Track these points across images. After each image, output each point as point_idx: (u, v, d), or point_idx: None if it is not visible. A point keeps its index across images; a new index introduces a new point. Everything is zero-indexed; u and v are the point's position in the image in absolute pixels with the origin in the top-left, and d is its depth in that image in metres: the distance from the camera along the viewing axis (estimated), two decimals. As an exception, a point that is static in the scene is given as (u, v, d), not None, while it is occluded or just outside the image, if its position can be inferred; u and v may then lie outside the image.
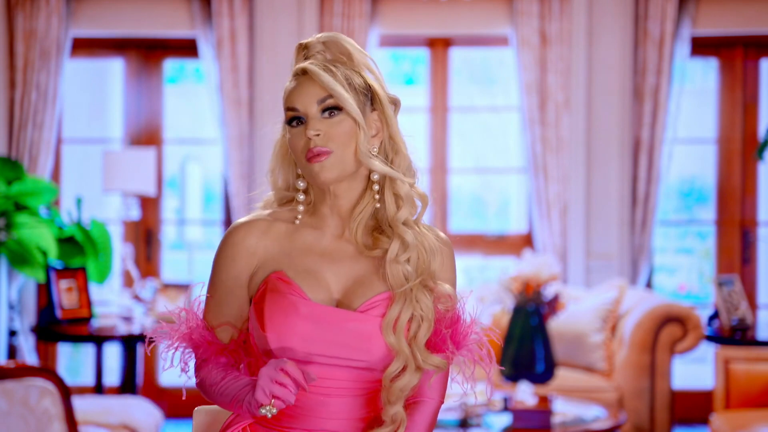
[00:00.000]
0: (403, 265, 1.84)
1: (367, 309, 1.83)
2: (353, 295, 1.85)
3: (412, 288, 1.83)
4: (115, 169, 5.43)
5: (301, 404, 1.84)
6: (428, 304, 1.84)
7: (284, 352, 1.81)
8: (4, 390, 3.27)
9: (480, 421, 4.19)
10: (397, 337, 1.81)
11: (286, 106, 1.86)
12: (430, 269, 1.86)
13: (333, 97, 1.83)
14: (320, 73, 1.83)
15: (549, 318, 4.46)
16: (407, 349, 1.81)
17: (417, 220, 1.90)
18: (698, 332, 5.08)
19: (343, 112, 1.84)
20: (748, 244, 6.18)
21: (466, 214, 7.57)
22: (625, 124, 6.02)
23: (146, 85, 6.31)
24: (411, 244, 1.85)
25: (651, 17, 5.93)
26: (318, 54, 1.89)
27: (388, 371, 1.82)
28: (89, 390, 5.95)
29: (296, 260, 1.86)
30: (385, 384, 1.83)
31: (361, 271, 1.87)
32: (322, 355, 1.81)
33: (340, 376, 1.83)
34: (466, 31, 6.15)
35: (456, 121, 6.38)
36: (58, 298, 5.28)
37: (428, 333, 1.84)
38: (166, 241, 6.63)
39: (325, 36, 1.91)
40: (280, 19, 6.04)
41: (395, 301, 1.82)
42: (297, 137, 1.85)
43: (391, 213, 1.87)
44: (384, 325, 1.81)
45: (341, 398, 1.84)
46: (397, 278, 1.83)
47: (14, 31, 6.00)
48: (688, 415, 6.03)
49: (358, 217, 1.88)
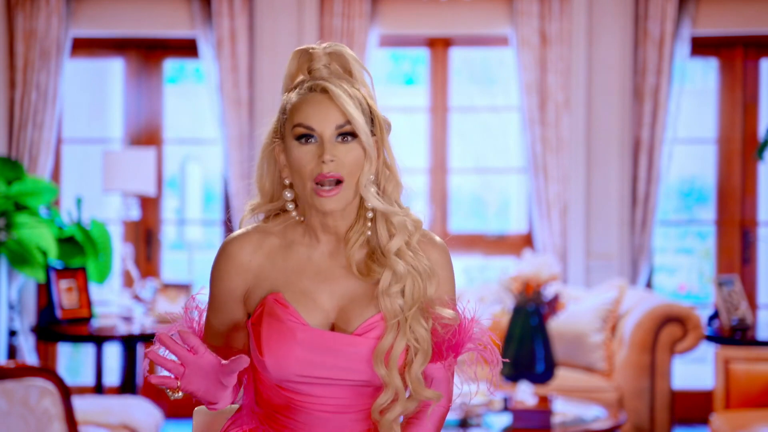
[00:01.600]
0: (395, 297, 1.80)
1: (364, 332, 1.81)
2: (349, 314, 1.82)
3: (407, 318, 1.80)
4: (115, 169, 5.43)
5: (302, 420, 1.83)
6: (423, 335, 1.80)
7: (282, 375, 1.80)
8: (4, 390, 3.27)
9: (480, 421, 4.19)
10: (389, 369, 1.78)
11: (299, 122, 1.81)
12: (426, 295, 1.83)
13: (350, 125, 1.80)
14: (345, 99, 1.79)
15: (549, 318, 4.46)
16: (398, 383, 1.79)
17: (410, 242, 1.85)
18: (698, 332, 5.08)
19: (357, 140, 1.81)
20: (748, 244, 6.18)
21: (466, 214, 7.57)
22: (625, 124, 6.02)
23: (146, 85, 6.31)
24: (402, 276, 1.81)
25: (651, 17, 5.93)
26: (323, 67, 1.85)
27: (377, 404, 1.80)
28: (89, 390, 5.95)
29: (291, 279, 1.84)
30: (374, 417, 1.81)
31: (354, 291, 1.84)
32: (321, 378, 1.80)
33: (340, 394, 1.82)
34: (466, 31, 6.15)
35: (456, 121, 6.38)
36: (58, 298, 5.28)
37: (424, 364, 1.81)
38: (166, 241, 6.63)
39: (331, 47, 1.87)
40: (280, 19, 6.04)
41: (388, 331, 1.79)
42: (306, 155, 1.80)
43: (384, 242, 1.84)
44: (375, 355, 1.78)
45: (342, 415, 1.83)
46: (390, 310, 1.80)
47: (14, 31, 6.00)
48: (688, 415, 6.03)
49: (354, 244, 1.85)
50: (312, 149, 1.80)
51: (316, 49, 1.87)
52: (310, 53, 1.87)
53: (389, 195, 1.85)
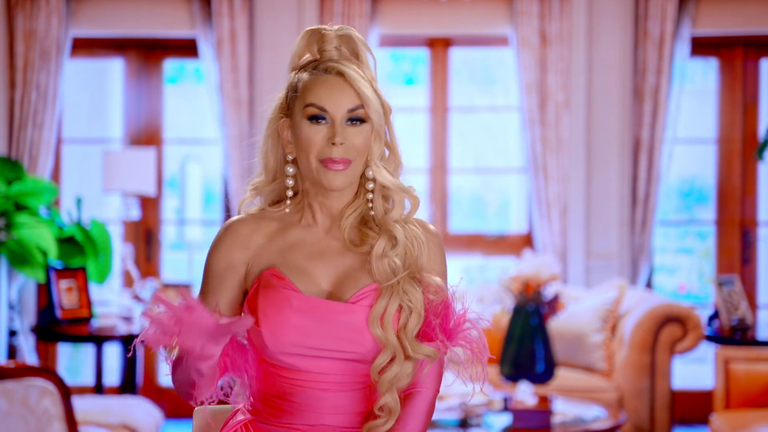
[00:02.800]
0: (391, 258, 1.85)
1: (357, 300, 1.85)
2: (343, 287, 1.86)
3: (399, 281, 1.85)
4: (115, 169, 5.43)
5: (299, 399, 1.85)
6: (417, 296, 1.85)
7: (279, 346, 1.82)
8: (4, 390, 3.27)
9: (480, 421, 4.19)
10: (384, 329, 1.82)
11: (312, 102, 1.85)
12: (419, 263, 1.88)
13: (364, 108, 1.85)
14: (361, 81, 1.85)
15: (549, 318, 4.46)
16: (394, 341, 1.83)
17: (407, 217, 1.91)
18: (698, 332, 5.08)
19: (365, 123, 1.86)
20: (748, 244, 6.18)
21: (466, 214, 7.57)
22: (625, 124, 6.02)
23: (146, 85, 6.31)
24: (400, 241, 1.87)
25: (651, 17, 5.93)
26: (334, 49, 1.89)
27: (375, 363, 1.83)
28: (89, 390, 5.95)
29: (287, 258, 1.88)
30: (374, 377, 1.84)
31: (349, 265, 1.89)
32: (316, 348, 1.83)
33: (335, 369, 1.84)
34: (466, 31, 6.15)
35: (456, 121, 6.38)
36: (58, 298, 5.28)
37: (418, 324, 1.85)
38: (166, 241, 6.63)
39: (342, 30, 1.91)
40: (280, 19, 6.04)
41: (382, 294, 1.84)
42: (316, 134, 1.85)
43: (381, 214, 1.90)
44: (371, 318, 1.83)
45: (339, 393, 1.85)
46: (383, 272, 1.85)
47: (14, 31, 6.00)
48: (688, 415, 6.03)
49: (349, 217, 1.91)
50: (322, 130, 1.85)
51: (329, 31, 1.91)
52: (322, 34, 1.91)
53: (391, 173, 1.91)
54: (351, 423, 1.87)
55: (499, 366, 4.48)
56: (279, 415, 1.87)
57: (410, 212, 1.91)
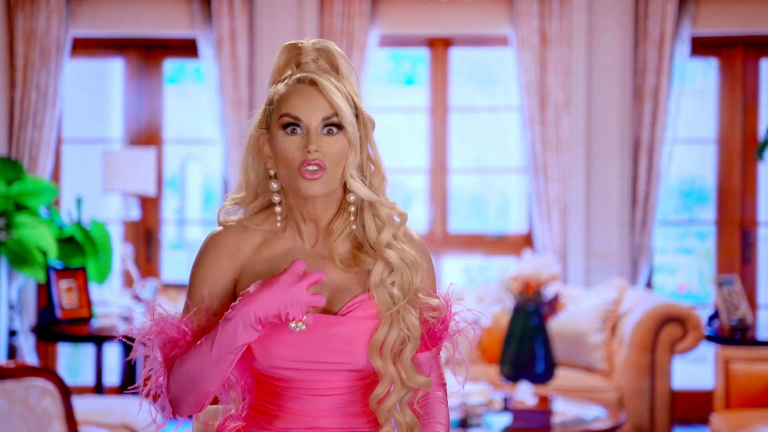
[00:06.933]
0: (389, 288, 1.85)
1: (347, 312, 1.84)
2: (333, 300, 1.85)
3: (399, 309, 1.84)
4: (115, 169, 5.43)
5: (293, 405, 1.85)
6: (414, 323, 1.85)
7: (269, 360, 1.81)
8: (4, 390, 3.27)
9: (480, 421, 4.19)
10: (384, 360, 1.82)
11: (286, 112, 1.84)
12: (414, 285, 1.87)
13: (338, 117, 1.83)
14: (333, 91, 1.84)
15: (549, 318, 4.46)
16: (394, 372, 1.83)
17: (397, 234, 1.89)
18: (698, 332, 5.08)
19: (342, 131, 1.84)
20: (748, 244, 6.18)
21: (466, 214, 7.57)
22: (625, 124, 6.02)
23: (146, 85, 6.31)
24: (396, 267, 1.85)
25: (651, 17, 5.93)
26: (311, 62, 1.90)
27: (374, 394, 1.84)
28: (89, 390, 5.95)
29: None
30: (372, 406, 1.85)
31: (337, 278, 1.87)
32: (307, 361, 1.82)
33: (328, 378, 1.84)
34: (466, 31, 6.15)
35: (456, 121, 6.38)
36: (58, 298, 5.28)
37: (413, 351, 1.85)
38: (166, 241, 6.63)
39: (319, 43, 1.91)
40: (280, 19, 6.04)
41: (382, 323, 1.83)
42: (292, 145, 1.83)
43: (373, 236, 1.87)
44: (370, 347, 1.82)
45: (333, 397, 1.85)
46: (384, 302, 1.84)
47: (14, 31, 6.00)
48: (688, 415, 6.03)
49: (339, 236, 1.88)
50: (297, 140, 1.83)
51: (305, 44, 1.92)
52: (298, 47, 1.93)
53: (375, 189, 1.89)
54: (348, 424, 1.86)
55: (499, 366, 4.48)
56: (272, 420, 1.87)
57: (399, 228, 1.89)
